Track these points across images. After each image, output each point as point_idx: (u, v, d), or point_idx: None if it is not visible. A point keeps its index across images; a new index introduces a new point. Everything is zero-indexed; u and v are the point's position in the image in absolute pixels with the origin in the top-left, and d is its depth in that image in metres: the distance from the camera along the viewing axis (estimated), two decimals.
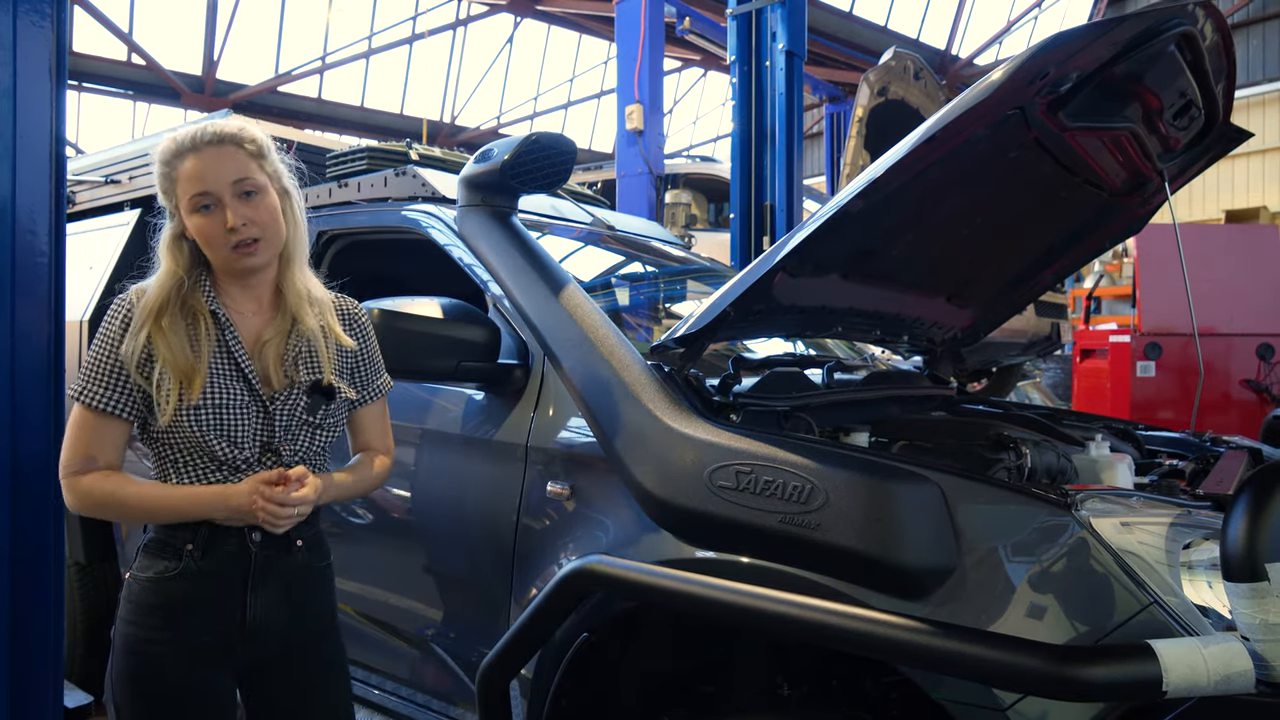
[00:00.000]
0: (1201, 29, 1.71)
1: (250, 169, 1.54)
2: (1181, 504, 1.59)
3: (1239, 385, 5.86)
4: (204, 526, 1.52)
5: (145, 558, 1.55)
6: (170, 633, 1.51)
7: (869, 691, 1.70)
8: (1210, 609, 1.29)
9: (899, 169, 1.54)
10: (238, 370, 1.55)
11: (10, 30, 1.68)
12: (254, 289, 1.61)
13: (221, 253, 1.53)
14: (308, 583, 1.63)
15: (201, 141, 1.52)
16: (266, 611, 1.56)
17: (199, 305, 1.54)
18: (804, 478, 1.46)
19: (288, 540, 1.58)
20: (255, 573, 1.55)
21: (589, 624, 1.71)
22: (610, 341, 1.87)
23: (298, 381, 1.58)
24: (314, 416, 1.60)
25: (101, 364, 1.51)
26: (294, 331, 1.60)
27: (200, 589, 1.52)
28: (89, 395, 1.50)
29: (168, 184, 1.55)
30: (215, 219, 1.51)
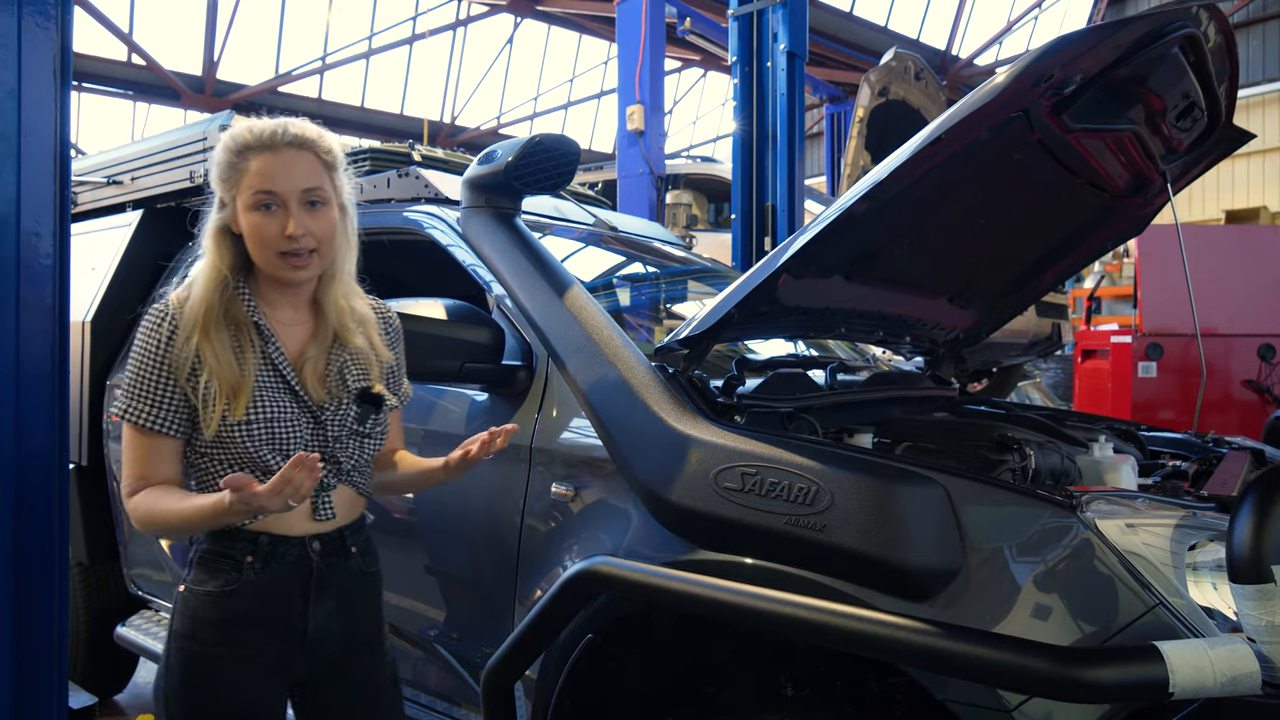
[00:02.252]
0: (1205, 31, 1.71)
1: (323, 179, 1.49)
2: (1186, 505, 1.59)
3: (1240, 386, 5.86)
4: (264, 536, 1.48)
5: (201, 570, 1.49)
6: (230, 647, 1.46)
7: (873, 692, 1.70)
8: (1215, 610, 1.29)
9: (904, 171, 1.54)
10: (284, 383, 1.50)
11: (15, 30, 1.68)
12: (293, 297, 1.56)
13: (270, 256, 1.47)
14: (362, 589, 1.60)
15: (281, 140, 1.46)
16: (326, 621, 1.53)
17: (241, 316, 1.49)
18: (809, 479, 1.46)
19: (344, 546, 1.56)
20: (315, 582, 1.51)
21: (593, 625, 1.71)
22: (615, 343, 1.87)
23: (345, 393, 1.55)
24: (363, 426, 1.57)
25: (144, 379, 1.45)
26: (336, 345, 1.57)
27: (262, 602, 1.48)
28: (134, 413, 1.44)
29: (231, 173, 1.47)
30: (275, 220, 1.45)
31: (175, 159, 3.27)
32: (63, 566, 1.79)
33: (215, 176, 1.50)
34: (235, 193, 1.47)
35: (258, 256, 1.49)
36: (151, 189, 3.37)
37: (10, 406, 1.68)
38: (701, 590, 1.49)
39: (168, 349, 1.44)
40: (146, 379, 1.45)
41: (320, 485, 1.50)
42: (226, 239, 1.50)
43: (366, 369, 1.58)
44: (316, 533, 1.52)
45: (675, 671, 1.91)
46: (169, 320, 1.46)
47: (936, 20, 16.68)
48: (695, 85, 19.51)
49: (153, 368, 1.45)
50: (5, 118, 1.66)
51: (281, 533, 1.49)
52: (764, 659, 1.78)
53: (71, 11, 1.79)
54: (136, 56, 14.09)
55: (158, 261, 3.30)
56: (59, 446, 1.70)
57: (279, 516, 1.48)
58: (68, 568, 1.82)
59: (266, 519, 1.48)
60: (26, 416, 1.71)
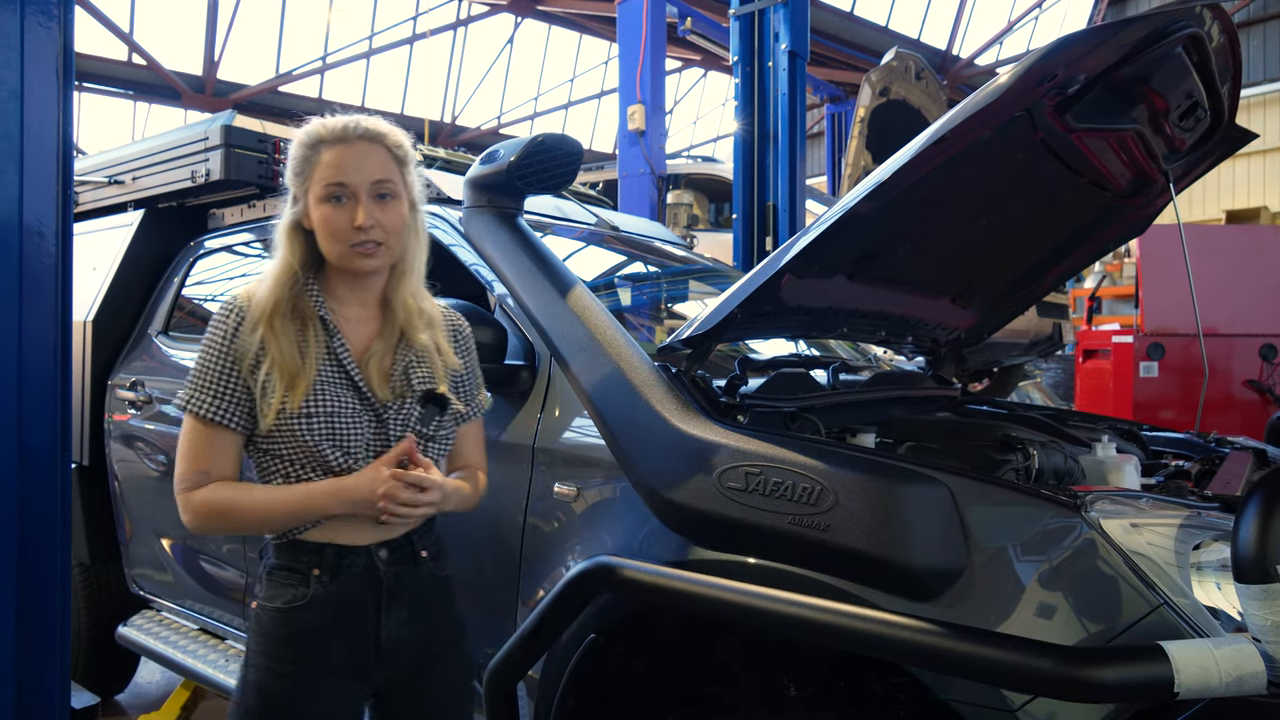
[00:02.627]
0: (1208, 30, 1.71)
1: (393, 173, 1.50)
2: (1190, 505, 1.59)
3: (1241, 386, 5.86)
4: (329, 548, 1.47)
5: (270, 586, 1.48)
6: (305, 664, 1.45)
7: (876, 693, 1.70)
8: (1220, 610, 1.29)
9: (907, 170, 1.54)
10: (347, 378, 1.50)
11: (17, 30, 1.68)
12: (362, 294, 1.56)
13: (340, 248, 1.47)
14: (435, 594, 1.58)
15: (352, 134, 1.48)
16: (400, 630, 1.51)
17: (307, 310, 1.49)
18: (813, 479, 1.46)
19: (413, 552, 1.53)
20: (386, 591, 1.49)
21: (596, 625, 1.71)
22: (618, 343, 1.87)
23: (409, 392, 1.54)
24: (426, 428, 1.55)
25: (210, 371, 1.45)
26: (402, 343, 1.56)
27: (333, 615, 1.46)
28: (197, 404, 1.44)
29: (304, 167, 1.49)
30: (344, 212, 1.46)
31: (177, 159, 3.28)
32: (65, 566, 1.78)
33: (289, 171, 1.51)
34: (307, 186, 1.48)
35: (327, 248, 1.49)
36: (153, 189, 3.37)
37: (13, 406, 1.68)
38: (705, 590, 1.49)
39: (233, 340, 1.45)
40: (211, 370, 1.45)
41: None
42: (298, 235, 1.51)
43: (432, 370, 1.56)
44: (383, 540, 1.50)
45: (678, 672, 1.91)
46: (236, 313, 1.47)
47: (937, 20, 16.70)
48: (696, 85, 19.52)
49: (218, 359, 1.45)
50: (8, 117, 1.66)
51: (346, 543, 1.47)
52: (767, 659, 1.78)
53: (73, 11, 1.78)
54: (137, 56, 14.08)
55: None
56: (61, 446, 1.70)
57: (343, 526, 1.47)
58: (70, 567, 1.81)
59: (330, 529, 1.47)
60: (29, 416, 1.70)
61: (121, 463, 3.13)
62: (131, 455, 3.09)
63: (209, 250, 3.25)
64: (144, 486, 3.07)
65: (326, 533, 1.47)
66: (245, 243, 3.19)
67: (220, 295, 3.28)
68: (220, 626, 2.82)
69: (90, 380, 3.19)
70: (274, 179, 3.20)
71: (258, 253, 3.16)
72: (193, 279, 3.25)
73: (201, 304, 3.28)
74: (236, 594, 2.71)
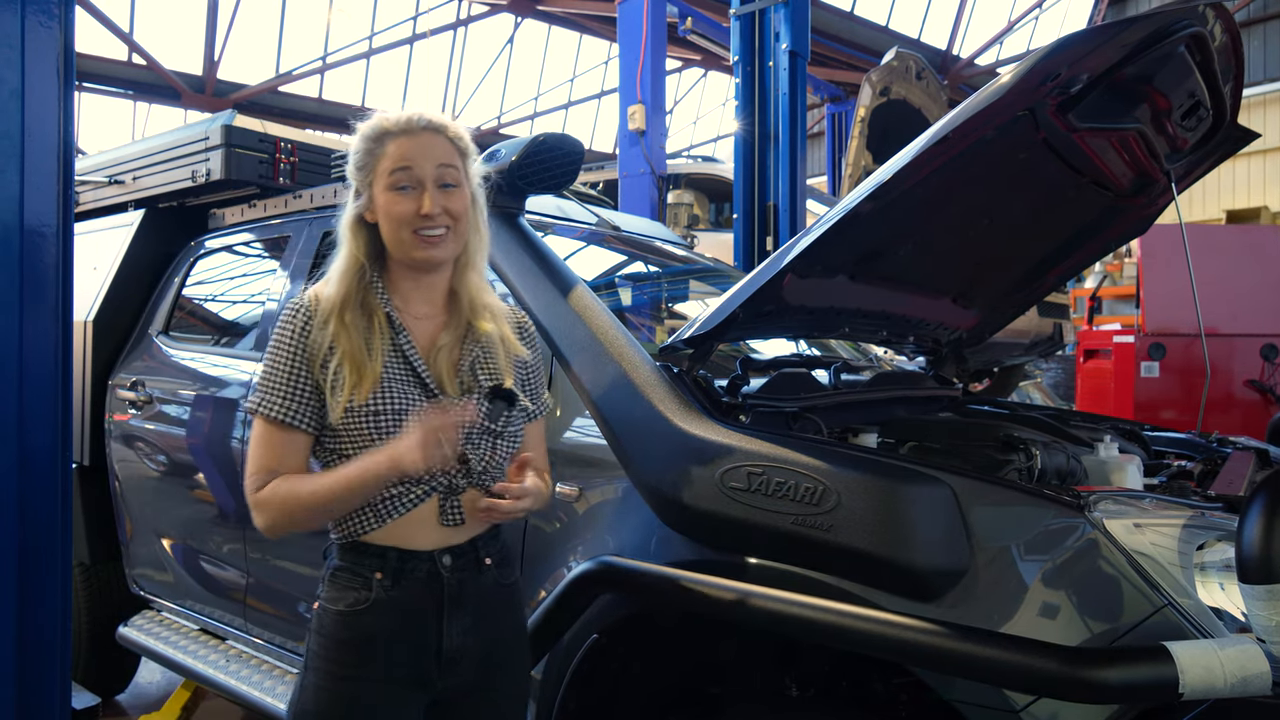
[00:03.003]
0: (1211, 29, 1.71)
1: (455, 160, 1.50)
2: (1194, 505, 1.58)
3: (1242, 386, 5.86)
4: (392, 551, 1.45)
5: (333, 588, 1.46)
6: (367, 669, 1.43)
7: (877, 693, 1.70)
8: (1223, 611, 1.28)
9: (909, 170, 1.54)
10: (413, 374, 1.48)
11: (18, 30, 1.68)
12: (428, 289, 1.55)
13: (406, 236, 1.47)
14: (499, 603, 1.54)
15: (417, 125, 1.49)
16: (462, 640, 1.47)
17: (374, 305, 1.49)
18: (816, 479, 1.46)
19: (477, 559, 1.51)
20: (449, 598, 1.47)
21: (598, 625, 1.71)
22: (619, 343, 1.87)
23: (476, 387, 1.52)
24: (495, 424, 1.51)
25: (279, 372, 1.44)
26: (469, 337, 1.55)
27: (396, 621, 1.44)
28: (268, 406, 1.43)
29: (367, 159, 1.49)
30: (410, 200, 1.46)
31: (177, 158, 3.27)
32: (66, 566, 1.78)
33: (352, 166, 1.52)
34: (371, 178, 1.49)
35: (393, 238, 1.49)
36: (153, 188, 3.37)
37: (13, 406, 1.68)
38: (707, 590, 1.48)
39: (303, 338, 1.44)
40: (280, 371, 1.44)
41: (449, 488, 1.47)
42: (362, 229, 1.51)
43: (498, 366, 1.55)
44: (446, 545, 1.47)
45: (680, 672, 1.91)
46: (304, 311, 1.46)
47: (937, 20, 16.69)
48: (696, 85, 19.52)
49: (287, 359, 1.44)
50: (9, 117, 1.66)
51: (410, 547, 1.45)
52: (768, 660, 1.77)
53: (74, 11, 1.78)
54: (137, 56, 14.07)
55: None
56: (62, 446, 1.70)
57: (407, 530, 1.45)
58: (71, 567, 1.81)
59: (394, 532, 1.45)
60: (30, 416, 1.70)
61: (122, 463, 3.12)
62: (132, 455, 3.08)
63: (209, 250, 3.24)
64: (144, 486, 3.07)
65: (391, 535, 1.45)
66: (246, 243, 3.19)
67: (221, 294, 3.28)
68: (221, 627, 2.82)
69: (91, 380, 3.18)
70: (274, 178, 3.20)
71: (258, 252, 3.16)
72: (193, 279, 3.25)
73: (202, 304, 3.28)
74: (237, 594, 2.71)
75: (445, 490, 1.47)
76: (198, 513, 2.87)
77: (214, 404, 2.78)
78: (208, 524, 2.81)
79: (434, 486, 1.46)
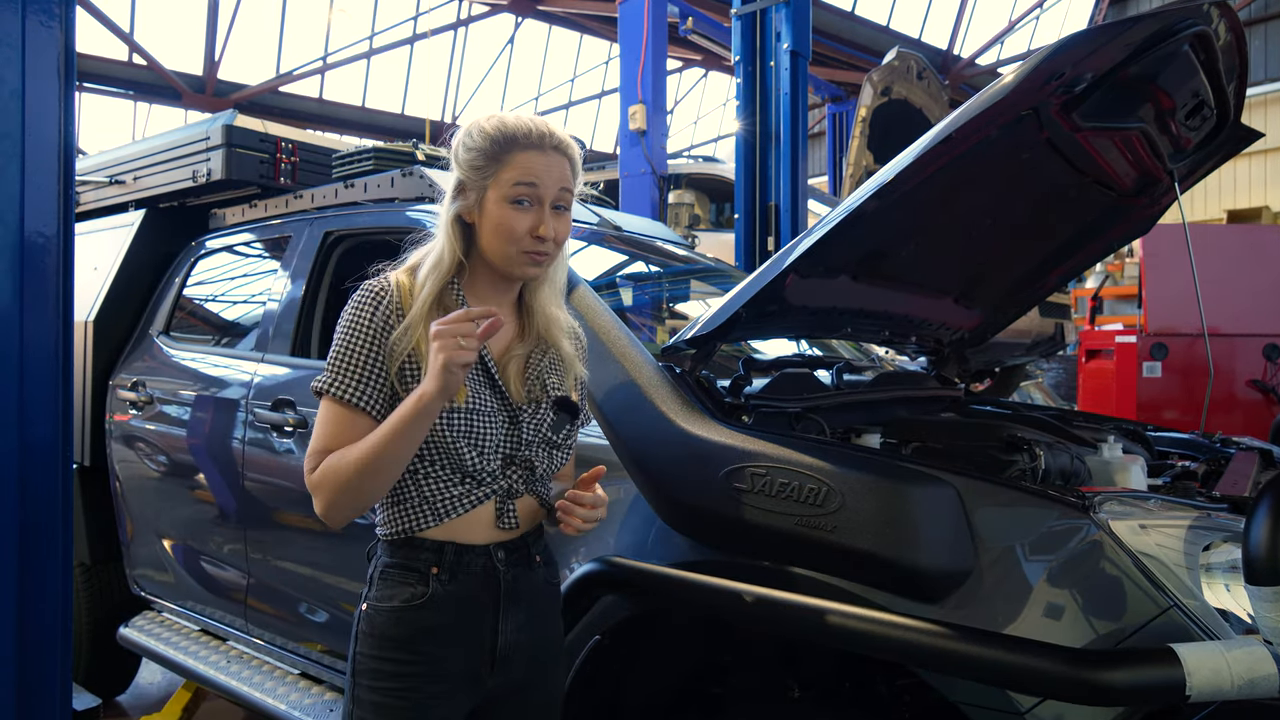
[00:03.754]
0: (1216, 28, 1.70)
1: (571, 184, 1.48)
2: (1199, 506, 1.58)
3: (1244, 386, 5.85)
4: (448, 546, 1.42)
5: (385, 586, 1.43)
6: (422, 666, 1.40)
7: (881, 694, 1.69)
8: (1229, 612, 1.28)
9: (913, 170, 1.53)
10: (488, 377, 1.46)
11: (19, 30, 1.67)
12: (504, 296, 1.53)
13: (512, 251, 1.43)
14: (548, 601, 1.53)
15: (549, 143, 1.44)
16: (516, 636, 1.46)
17: (451, 307, 1.44)
18: (820, 480, 1.45)
19: (529, 556, 1.49)
20: (505, 594, 1.45)
21: (600, 627, 1.70)
22: (622, 343, 1.86)
23: (544, 397, 1.51)
24: (557, 435, 1.51)
25: (356, 354, 1.39)
26: (537, 349, 1.53)
27: (452, 616, 1.41)
28: (341, 388, 1.38)
29: (490, 163, 1.43)
30: (529, 216, 1.42)
31: (178, 158, 3.27)
32: (66, 567, 1.78)
33: (467, 162, 1.45)
34: (489, 182, 1.43)
35: (497, 249, 1.44)
36: (154, 188, 3.37)
37: (14, 407, 1.67)
38: (711, 591, 1.48)
39: (384, 330, 1.41)
40: (357, 353, 1.40)
41: (508, 492, 1.46)
42: (459, 228, 1.47)
43: (564, 378, 1.54)
44: (501, 540, 1.46)
45: (682, 673, 1.90)
46: (390, 301, 1.42)
47: (938, 20, 16.69)
48: (696, 85, 19.51)
49: (365, 343, 1.40)
50: (9, 117, 1.65)
51: (466, 541, 1.43)
52: (771, 661, 1.77)
53: (74, 11, 1.78)
54: (137, 56, 14.07)
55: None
56: (63, 446, 1.69)
57: (462, 526, 1.43)
58: (72, 568, 1.81)
59: (450, 528, 1.42)
60: (30, 416, 1.70)
61: (123, 463, 3.12)
62: (133, 455, 3.08)
63: (210, 250, 3.24)
64: (145, 487, 3.06)
65: (446, 531, 1.43)
66: (246, 243, 3.19)
67: (222, 295, 3.28)
68: (221, 627, 2.81)
69: (91, 380, 3.18)
70: (275, 178, 3.20)
71: (259, 253, 3.15)
72: (194, 279, 3.25)
73: (203, 304, 3.27)
74: (238, 595, 2.70)
75: (503, 494, 1.46)
76: (198, 513, 2.86)
77: (215, 404, 2.77)
78: (208, 524, 2.81)
79: (494, 490, 1.44)
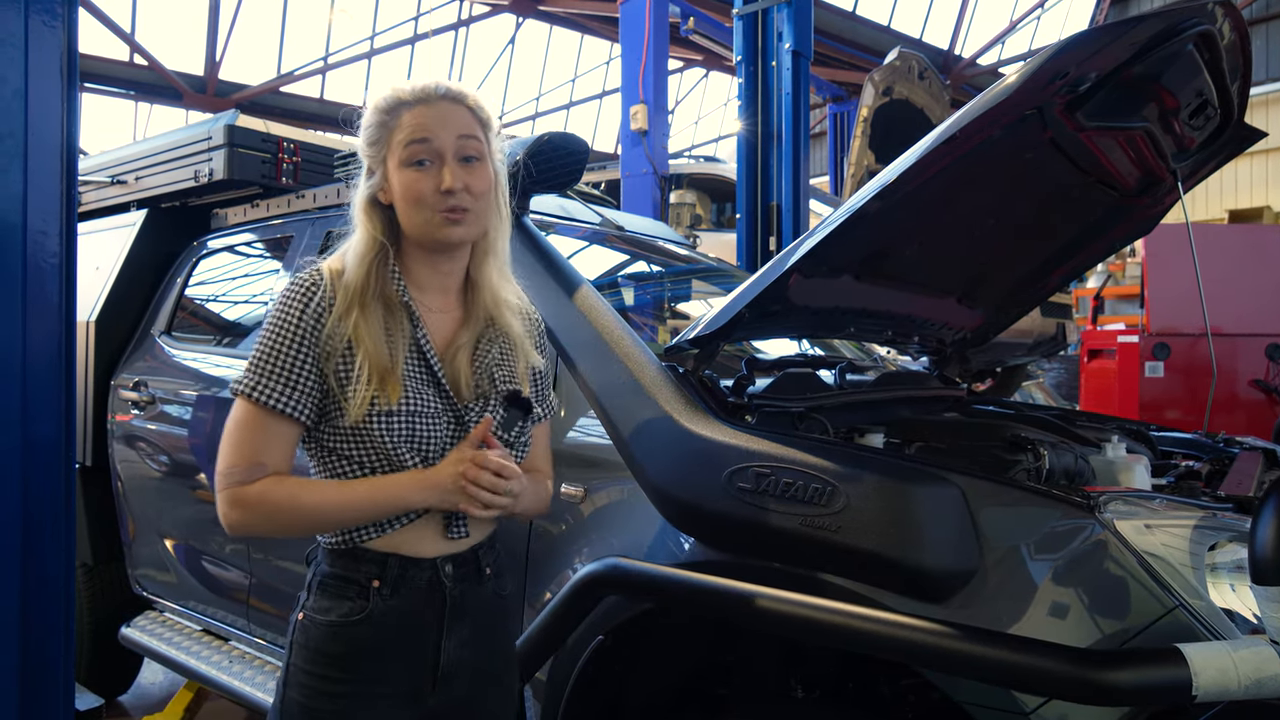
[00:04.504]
0: (1220, 28, 1.70)
1: (476, 131, 1.38)
2: (1204, 506, 1.58)
3: (1247, 385, 5.85)
4: (393, 558, 1.34)
5: (323, 598, 1.34)
6: (357, 684, 1.31)
7: (885, 694, 1.69)
8: (1235, 612, 1.27)
9: (916, 170, 1.53)
10: (430, 375, 1.37)
11: (21, 30, 1.67)
12: (444, 278, 1.43)
13: (426, 215, 1.34)
14: (497, 615, 1.46)
15: (434, 94, 1.36)
16: (459, 653, 1.38)
17: (392, 295, 1.36)
18: (824, 480, 1.45)
19: (479, 569, 1.41)
20: (450, 610, 1.37)
21: (603, 627, 1.70)
22: (625, 343, 1.86)
23: (493, 393, 1.41)
24: (508, 434, 1.41)
25: (280, 354, 1.30)
26: (486, 336, 1.44)
27: (392, 633, 1.33)
28: (263, 391, 1.29)
29: (380, 133, 1.36)
30: (429, 175, 1.33)
31: (179, 158, 3.27)
32: (69, 567, 1.78)
33: (363, 141, 1.39)
34: (385, 153, 1.36)
35: (411, 218, 1.36)
36: (156, 188, 3.37)
37: (16, 406, 1.67)
38: (714, 592, 1.48)
39: (316, 323, 1.31)
40: (285, 354, 1.30)
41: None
42: (377, 210, 1.39)
43: (515, 370, 1.45)
44: (449, 554, 1.38)
45: (685, 673, 1.90)
46: (322, 292, 1.32)
47: (939, 20, 16.68)
48: (698, 85, 19.51)
49: (294, 342, 1.30)
50: (12, 117, 1.65)
51: (412, 554, 1.35)
52: (774, 661, 1.77)
53: (77, 11, 1.78)
54: (139, 56, 14.07)
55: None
56: (65, 446, 1.69)
57: (410, 536, 1.35)
58: (74, 568, 1.81)
59: (396, 538, 1.35)
60: (33, 416, 1.69)
61: (124, 463, 3.12)
62: (134, 455, 3.08)
63: (212, 250, 3.24)
64: (147, 487, 3.06)
65: (392, 541, 1.34)
66: (248, 243, 3.19)
67: (224, 295, 3.28)
68: (223, 627, 2.81)
69: (93, 380, 3.18)
70: (277, 178, 3.20)
71: (261, 252, 3.15)
72: (196, 279, 3.25)
73: (204, 304, 3.27)
74: (240, 594, 2.70)
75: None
76: (200, 513, 2.86)
77: (216, 404, 2.77)
78: (210, 524, 2.81)
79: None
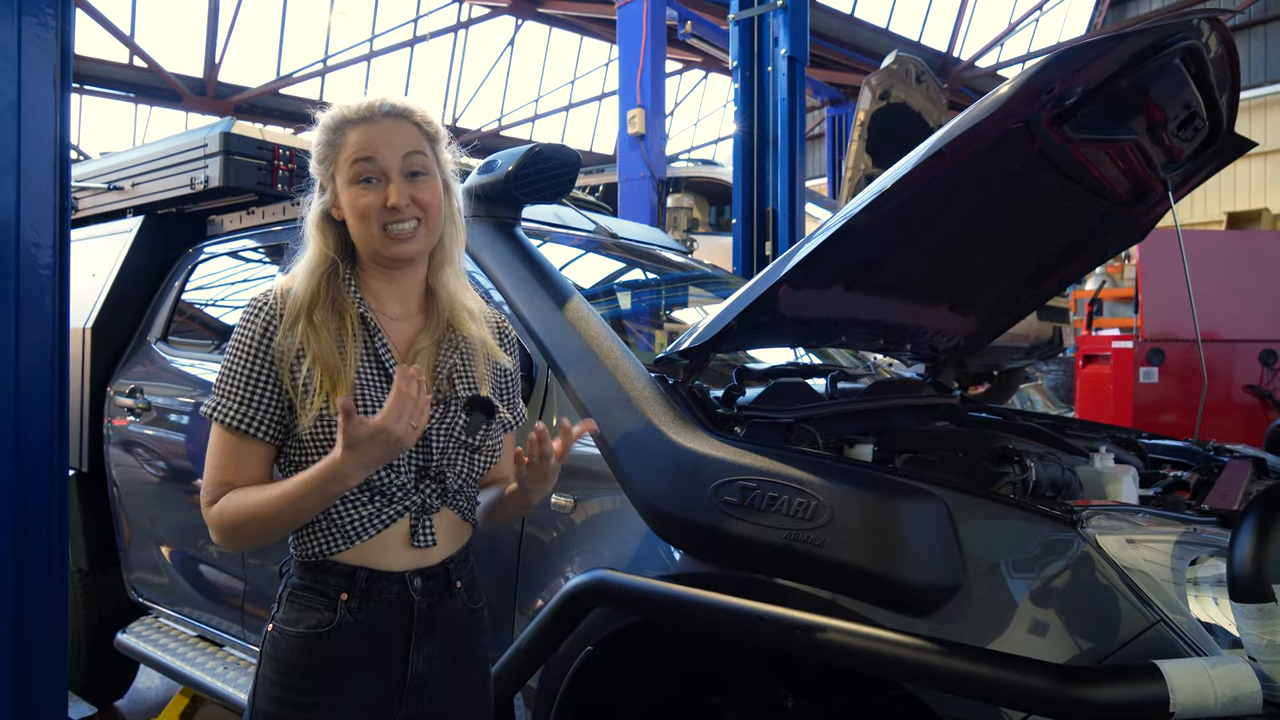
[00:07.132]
0: (1206, 42, 1.71)
1: (423, 146, 1.40)
2: (1187, 520, 1.58)
3: (1241, 391, 5.86)
4: (361, 571, 1.35)
5: (292, 609, 1.36)
6: (324, 696, 1.33)
7: (874, 705, 1.70)
8: (1216, 626, 1.28)
9: (905, 183, 1.54)
10: (387, 379, 1.37)
11: (14, 40, 1.67)
12: (402, 288, 1.44)
13: (374, 232, 1.36)
14: (467, 629, 1.45)
15: (378, 112, 1.39)
16: (427, 666, 1.38)
17: (346, 306, 1.37)
18: (810, 494, 1.46)
19: (449, 582, 1.41)
20: (418, 623, 1.37)
21: (593, 637, 1.71)
22: (614, 354, 1.87)
23: (453, 397, 1.42)
24: (473, 438, 1.42)
25: (239, 375, 1.33)
26: (447, 341, 1.45)
27: (359, 646, 1.34)
28: (223, 412, 1.32)
29: (328, 151, 1.40)
30: (375, 193, 1.36)
31: (176, 165, 3.27)
32: (63, 574, 1.78)
33: (313, 160, 1.42)
34: (334, 171, 1.39)
35: (361, 235, 1.38)
36: (152, 195, 3.37)
37: (10, 414, 1.68)
38: (702, 604, 1.48)
39: (266, 340, 1.34)
40: (240, 374, 1.33)
41: (422, 507, 1.38)
42: (329, 226, 1.41)
43: (477, 375, 1.45)
44: (418, 567, 1.38)
45: (676, 683, 1.91)
46: (269, 308, 1.35)
47: (938, 22, 16.67)
48: (696, 87, 19.52)
49: (248, 362, 1.33)
50: (5, 129, 1.65)
51: (380, 567, 1.36)
52: (764, 671, 1.78)
53: (72, 19, 1.78)
54: (138, 59, 14.07)
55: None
56: (59, 453, 1.70)
57: (379, 550, 1.36)
58: (68, 575, 1.81)
59: (365, 551, 1.35)
60: (26, 425, 1.70)
61: (120, 469, 3.13)
62: (130, 461, 3.08)
63: (208, 256, 3.25)
64: (143, 492, 3.07)
65: (359, 555, 1.36)
66: (244, 249, 3.19)
67: (219, 301, 3.29)
68: (219, 634, 2.82)
69: (89, 386, 3.19)
70: (272, 185, 3.20)
71: (258, 258, 3.16)
72: (192, 285, 3.25)
73: (201, 310, 3.28)
74: (235, 600, 2.71)
75: (417, 510, 1.38)
76: (195, 519, 2.85)
77: None
78: (205, 531, 2.81)
79: (406, 506, 1.37)
